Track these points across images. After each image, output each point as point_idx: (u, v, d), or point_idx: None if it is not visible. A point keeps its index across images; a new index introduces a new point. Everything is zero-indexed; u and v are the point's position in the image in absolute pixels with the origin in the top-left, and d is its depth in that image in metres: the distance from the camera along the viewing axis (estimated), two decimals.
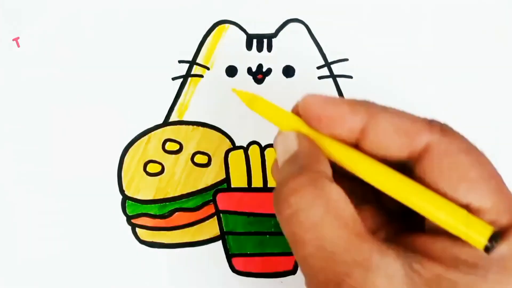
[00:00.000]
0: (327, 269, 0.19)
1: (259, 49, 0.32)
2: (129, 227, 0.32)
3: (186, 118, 0.32)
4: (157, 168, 0.32)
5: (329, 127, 0.21)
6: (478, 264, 0.19)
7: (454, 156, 0.20)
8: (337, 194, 0.20)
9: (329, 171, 0.21)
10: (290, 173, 0.20)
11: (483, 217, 0.19)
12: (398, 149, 0.20)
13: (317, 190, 0.19)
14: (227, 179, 0.32)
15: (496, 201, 0.19)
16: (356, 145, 0.21)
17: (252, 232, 0.32)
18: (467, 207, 0.19)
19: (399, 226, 0.21)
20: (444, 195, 0.19)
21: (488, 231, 0.18)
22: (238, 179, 0.32)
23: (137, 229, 0.32)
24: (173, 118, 0.32)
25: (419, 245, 0.20)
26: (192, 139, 0.32)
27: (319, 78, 0.32)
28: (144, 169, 0.32)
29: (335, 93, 0.32)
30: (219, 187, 0.32)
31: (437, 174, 0.20)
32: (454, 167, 0.20)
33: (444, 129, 0.20)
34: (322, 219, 0.19)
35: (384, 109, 0.21)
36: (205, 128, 0.32)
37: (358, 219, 0.20)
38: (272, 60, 0.32)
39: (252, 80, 0.32)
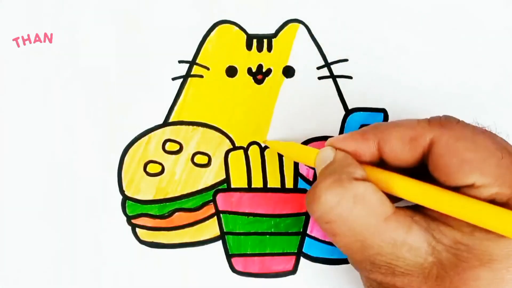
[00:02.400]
0: (361, 251, 0.23)
1: (259, 49, 0.32)
2: (129, 227, 0.32)
3: (186, 118, 0.32)
4: (157, 168, 0.32)
5: (355, 158, 0.25)
6: (491, 231, 0.21)
7: (453, 144, 0.22)
8: (363, 187, 0.23)
9: (359, 173, 0.24)
10: (322, 177, 0.24)
11: (487, 191, 0.22)
12: (411, 155, 0.24)
13: (343, 188, 0.23)
14: (227, 179, 0.32)
15: (497, 175, 0.22)
16: (383, 163, 0.25)
17: (252, 232, 0.32)
18: (472, 186, 0.22)
19: None
20: (453, 181, 0.22)
21: None
22: (238, 179, 0.32)
23: (137, 229, 0.32)
24: (173, 118, 0.32)
25: (439, 214, 0.23)
26: (192, 139, 0.32)
27: (319, 78, 0.32)
28: (144, 169, 0.32)
29: (334, 93, 0.32)
30: (219, 187, 0.32)
31: (443, 163, 0.22)
32: (454, 154, 0.22)
33: (442, 123, 0.23)
34: (351, 212, 0.23)
35: (388, 126, 0.24)
36: (205, 129, 0.32)
37: (385, 201, 0.23)
38: (272, 60, 0.32)
39: (252, 80, 0.32)
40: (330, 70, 0.32)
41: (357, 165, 0.24)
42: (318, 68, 0.32)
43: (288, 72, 0.32)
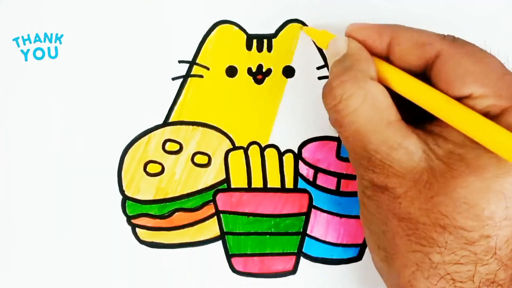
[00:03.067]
0: (360, 146, 0.24)
1: (259, 49, 0.32)
2: (129, 227, 0.32)
3: (186, 118, 0.32)
4: (157, 168, 0.32)
5: (365, 46, 0.26)
6: None
7: (459, 57, 0.23)
8: (375, 88, 0.24)
9: (372, 69, 0.25)
10: (338, 72, 0.25)
11: (483, 102, 0.23)
12: (417, 58, 0.25)
13: (357, 85, 0.24)
14: (227, 179, 0.32)
15: (496, 89, 0.23)
16: (388, 59, 0.26)
17: (252, 232, 0.32)
18: (469, 97, 0.23)
19: (426, 116, 0.25)
20: (451, 91, 0.23)
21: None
22: (238, 179, 0.32)
23: (137, 229, 0.32)
24: (173, 118, 0.32)
25: (438, 129, 0.24)
26: (192, 139, 0.32)
27: (319, 78, 0.32)
28: (144, 169, 0.32)
29: None
30: (219, 187, 0.32)
31: (446, 71, 0.23)
32: (458, 66, 0.23)
33: (455, 39, 0.25)
34: (359, 107, 0.24)
35: (406, 28, 0.26)
36: (205, 128, 0.32)
37: (392, 108, 0.24)
38: (272, 60, 0.32)
39: (252, 80, 0.32)
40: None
41: (371, 61, 0.25)
42: (318, 68, 0.32)
43: (288, 72, 0.32)
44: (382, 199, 0.24)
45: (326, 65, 0.32)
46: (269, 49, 0.32)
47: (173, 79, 0.32)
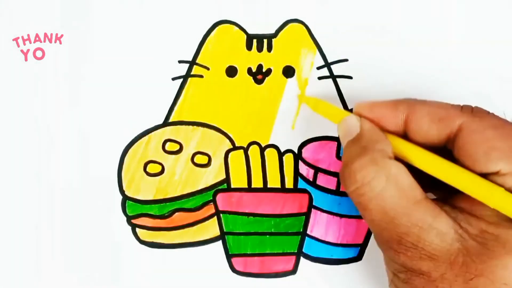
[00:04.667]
0: (389, 229, 0.24)
1: (259, 49, 0.32)
2: (129, 227, 0.32)
3: (186, 118, 0.32)
4: (157, 168, 0.32)
5: (379, 125, 0.26)
6: None
7: (482, 131, 0.23)
8: (396, 168, 0.24)
9: (389, 149, 0.25)
10: (355, 153, 0.25)
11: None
12: (437, 135, 0.24)
13: (378, 167, 0.24)
14: (227, 179, 0.32)
15: None
16: (405, 136, 0.25)
17: (252, 232, 0.32)
18: (497, 174, 0.22)
19: (450, 188, 0.24)
20: (477, 167, 0.23)
21: None
22: (238, 179, 0.32)
23: (137, 229, 0.32)
24: (173, 118, 0.32)
25: (466, 206, 0.24)
26: (192, 139, 0.32)
27: (319, 78, 0.32)
28: (144, 169, 0.32)
29: (334, 94, 0.32)
30: (219, 187, 0.32)
31: (470, 149, 0.23)
32: (483, 141, 0.23)
33: (474, 111, 0.24)
34: (383, 190, 0.23)
35: (421, 102, 0.25)
36: (205, 128, 0.32)
37: (416, 187, 0.24)
38: (272, 60, 0.32)
39: (252, 80, 0.32)
40: (330, 70, 0.32)
41: (386, 140, 0.25)
42: (318, 68, 0.32)
43: (288, 72, 0.32)
44: (417, 283, 0.23)
45: (326, 65, 0.32)
46: (269, 49, 0.32)
47: (173, 79, 0.32)
